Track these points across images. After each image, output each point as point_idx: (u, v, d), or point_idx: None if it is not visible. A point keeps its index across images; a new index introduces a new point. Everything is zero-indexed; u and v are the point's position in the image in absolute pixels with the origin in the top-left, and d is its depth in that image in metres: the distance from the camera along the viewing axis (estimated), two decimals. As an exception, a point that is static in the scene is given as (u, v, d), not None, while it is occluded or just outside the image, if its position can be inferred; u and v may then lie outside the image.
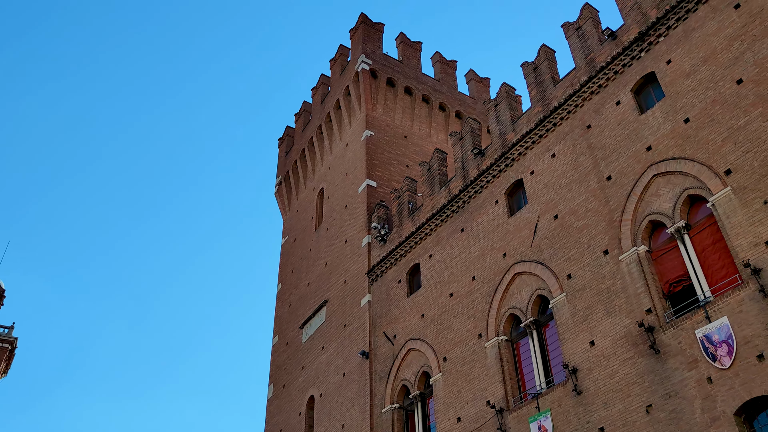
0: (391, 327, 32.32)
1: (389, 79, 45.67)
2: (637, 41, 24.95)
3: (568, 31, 29.02)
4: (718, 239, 20.01)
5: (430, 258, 31.75)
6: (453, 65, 51.80)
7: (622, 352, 20.91)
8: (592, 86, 26.26)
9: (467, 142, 32.56)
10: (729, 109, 20.86)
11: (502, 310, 26.36)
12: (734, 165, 19.99)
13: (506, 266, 26.89)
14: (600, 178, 24.35)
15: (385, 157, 41.79)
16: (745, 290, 18.33)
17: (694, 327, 19.17)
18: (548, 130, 27.63)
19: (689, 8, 23.53)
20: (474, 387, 25.95)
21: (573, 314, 23.13)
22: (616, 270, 22.28)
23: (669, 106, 22.88)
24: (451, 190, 31.98)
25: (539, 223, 26.15)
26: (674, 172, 21.77)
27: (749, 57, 20.95)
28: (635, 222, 22.42)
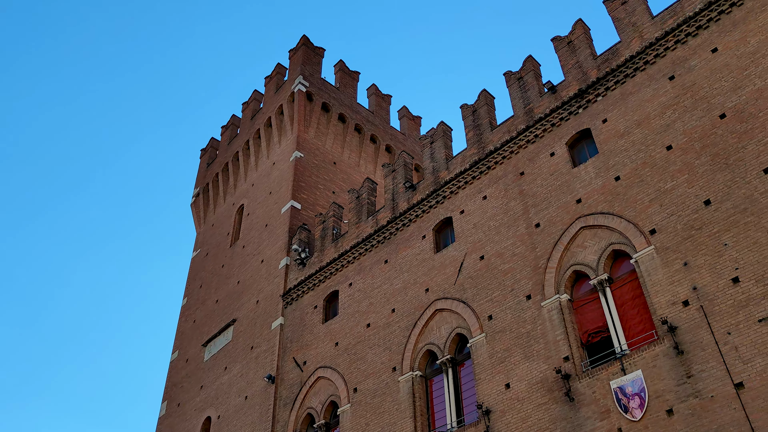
0: (301, 353, 31.54)
1: (324, 104, 45.51)
2: (576, 98, 25.90)
3: (509, 80, 29.82)
4: (638, 295, 20.71)
5: (350, 286, 31.35)
6: (388, 99, 52.31)
7: (537, 397, 21.12)
8: (529, 135, 26.97)
9: (399, 175, 32.65)
10: (658, 173, 21.83)
11: (419, 345, 26.22)
12: (659, 226, 20.85)
13: (428, 301, 26.87)
14: (529, 225, 24.86)
15: (312, 181, 41.33)
16: (660, 346, 18.96)
17: (610, 378, 19.62)
18: (482, 172, 28.08)
19: (628, 74, 24.68)
20: (383, 421, 25.54)
21: (491, 355, 23.26)
22: (537, 315, 22.63)
23: (601, 163, 23.74)
24: (379, 221, 31.87)
25: (465, 262, 26.35)
26: (601, 226, 22.49)
27: (679, 126, 22.08)
28: (560, 270, 22.92)
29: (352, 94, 49.03)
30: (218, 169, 49.70)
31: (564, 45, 28.15)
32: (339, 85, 48.64)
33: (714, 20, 23.06)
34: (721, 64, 22.04)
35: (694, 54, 23.03)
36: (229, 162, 48.58)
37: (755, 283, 17.89)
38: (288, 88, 45.68)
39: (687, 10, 23.96)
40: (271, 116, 45.79)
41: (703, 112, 21.64)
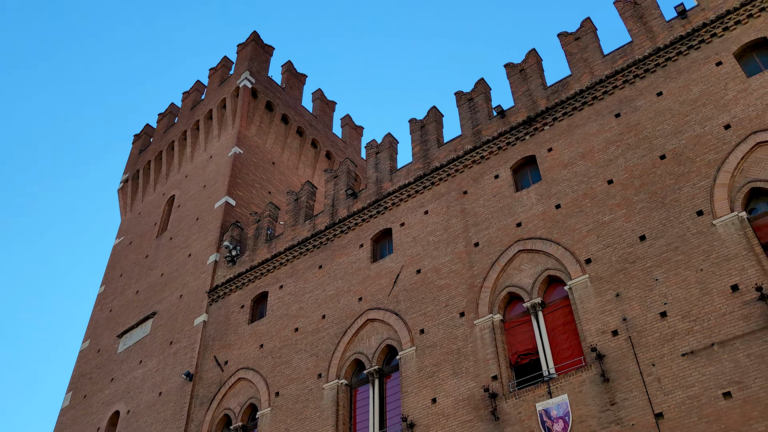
0: (223, 352, 30.76)
1: (269, 102, 44.94)
2: (524, 124, 26.49)
3: (460, 99, 30.25)
4: (569, 321, 21.23)
5: (280, 288, 30.86)
6: (332, 106, 52.17)
7: (462, 414, 21.28)
8: (475, 156, 27.39)
9: (341, 182, 32.50)
10: (597, 205, 22.55)
11: (347, 354, 26.02)
12: (594, 256, 21.50)
13: (360, 310, 26.73)
14: (468, 243, 25.16)
15: (249, 178, 40.61)
16: (587, 372, 19.48)
17: (536, 400, 19.99)
18: (425, 187, 28.29)
19: (576, 107, 25.46)
20: (304, 427, 25.15)
21: (420, 369, 23.31)
22: (469, 333, 22.86)
23: (544, 190, 24.33)
24: (316, 225, 31.58)
25: (401, 274, 26.40)
26: (539, 251, 22.99)
27: (621, 162, 22.91)
28: (495, 291, 23.27)
29: (297, 97, 48.64)
30: (151, 157, 48.18)
31: (516, 72, 28.80)
32: (285, 85, 48.18)
33: (661, 66, 24.11)
34: (665, 108, 23.04)
35: (641, 95, 23.99)
36: (163, 150, 47.17)
37: (681, 318, 18.65)
38: (233, 83, 44.87)
39: (636, 53, 24.97)
40: (212, 109, 44.83)
41: (644, 151, 22.52)
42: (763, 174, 19.70)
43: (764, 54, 22.42)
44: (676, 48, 23.99)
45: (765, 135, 20.24)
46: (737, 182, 20.00)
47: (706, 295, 18.57)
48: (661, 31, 24.91)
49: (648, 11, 25.99)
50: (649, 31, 25.30)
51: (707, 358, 17.65)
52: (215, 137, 43.64)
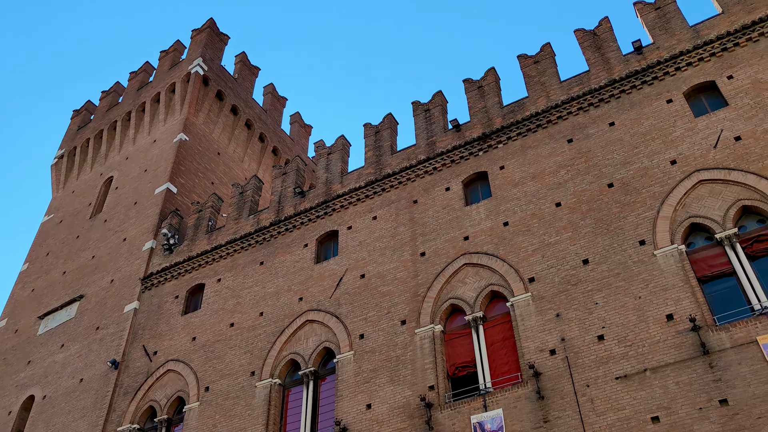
0: (153, 342, 29.89)
1: (219, 92, 44.15)
2: (478, 140, 26.89)
3: (416, 109, 30.46)
4: (509, 337, 21.60)
5: (218, 282, 30.25)
6: (283, 102, 51.68)
7: (396, 422, 21.32)
8: (428, 167, 27.61)
9: (290, 179, 32.19)
10: (544, 226, 23.06)
11: (283, 353, 25.71)
12: (538, 275, 21.97)
13: (299, 311, 26.48)
14: (414, 252, 25.30)
15: (192, 167, 39.72)
16: (523, 389, 19.84)
17: (471, 412, 20.23)
18: (376, 192, 28.32)
19: (530, 128, 26.01)
20: (232, 425, 24.68)
21: (357, 374, 23.25)
22: (409, 341, 22.97)
23: (493, 207, 24.72)
24: (261, 221, 31.14)
25: (345, 277, 26.30)
26: (484, 266, 23.33)
27: (571, 186, 23.53)
28: (438, 301, 23.47)
29: (248, 89, 47.96)
30: (90, 135, 46.50)
31: (474, 88, 29.22)
32: (238, 76, 47.45)
33: (615, 97, 24.93)
34: (616, 138, 23.81)
35: (594, 123, 24.72)
36: (104, 129, 45.60)
37: (617, 343, 19.25)
38: (184, 68, 43.86)
39: (593, 83, 25.73)
40: (160, 92, 43.67)
41: (593, 178, 23.20)
42: (702, 210, 20.58)
43: (711, 97, 23.46)
44: (630, 82, 24.85)
45: (707, 173, 21.16)
46: (679, 216, 20.83)
47: (642, 322, 19.23)
48: (618, 64, 25.76)
49: (606, 43, 26.84)
50: (606, 63, 26.12)
51: (639, 382, 18.26)
52: (161, 121, 42.51)
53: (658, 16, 26.29)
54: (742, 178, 20.46)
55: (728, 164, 20.97)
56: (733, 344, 17.64)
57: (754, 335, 17.56)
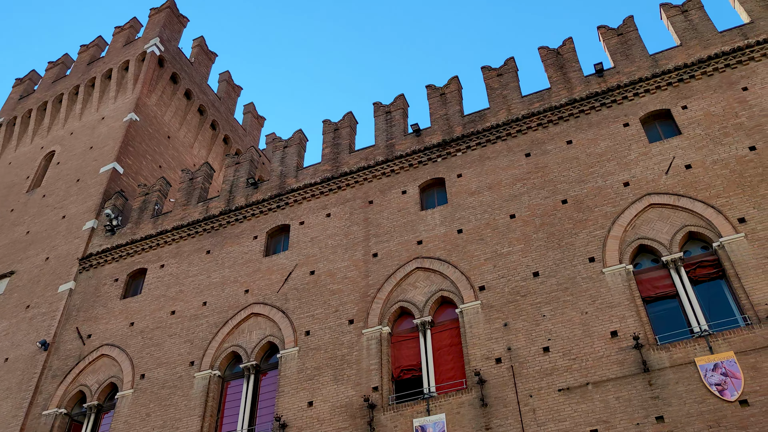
0: (87, 325, 28.89)
1: (174, 74, 43.15)
2: (438, 146, 27.07)
3: (377, 110, 30.46)
4: (456, 343, 21.77)
5: (161, 268, 29.48)
6: (238, 91, 50.91)
7: (338, 421, 21.19)
8: (385, 168, 27.63)
9: (243, 169, 31.68)
10: (497, 236, 23.38)
11: (224, 345, 25.24)
12: (488, 284, 22.24)
13: (245, 303, 26.06)
14: (367, 252, 25.25)
15: (141, 148, 38.64)
16: (467, 395, 20.03)
17: (414, 416, 20.28)
18: (331, 189, 28.17)
19: (490, 139, 26.36)
20: (167, 414, 24.06)
21: (300, 370, 23.02)
22: (356, 341, 22.89)
23: (448, 213, 24.91)
24: (210, 209, 30.53)
25: (294, 272, 26.03)
26: (436, 271, 23.48)
27: (526, 199, 23.93)
28: (387, 303, 23.48)
29: (204, 74, 47.05)
30: (33, 106, 44.70)
31: (437, 95, 29.43)
32: (194, 60, 46.49)
33: (574, 116, 25.52)
34: (572, 156, 24.36)
35: (552, 140, 25.23)
36: (49, 102, 43.92)
37: (562, 356, 19.65)
38: (140, 46, 42.69)
39: (553, 100, 26.28)
40: (113, 68, 42.37)
41: (548, 193, 23.66)
42: (651, 233, 21.24)
43: (665, 124, 24.28)
44: (590, 102, 25.49)
45: (657, 198, 21.86)
46: (628, 237, 21.45)
47: (587, 337, 19.69)
48: (578, 84, 26.39)
49: (569, 63, 27.46)
50: (567, 82, 26.71)
51: (581, 395, 18.69)
52: (111, 99, 41.22)
53: (620, 42, 27.07)
54: (690, 205, 21.23)
55: (678, 191, 21.73)
56: (672, 364, 18.25)
57: (692, 356, 18.21)
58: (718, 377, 17.57)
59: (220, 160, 45.70)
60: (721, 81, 24.10)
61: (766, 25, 24.82)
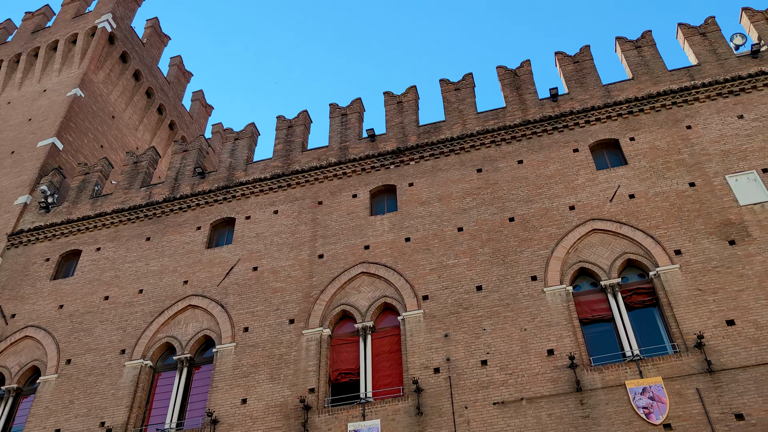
0: (12, 304, 27.69)
1: (124, 53, 41.94)
2: (392, 154, 27.25)
3: (333, 112, 30.44)
4: (395, 350, 21.92)
5: (97, 251, 28.56)
6: (188, 77, 49.88)
7: (271, 421, 20.99)
8: (337, 170, 27.61)
9: (191, 158, 31.08)
10: (444, 248, 23.69)
11: (159, 336, 24.65)
12: (432, 294, 22.50)
13: (183, 294, 25.53)
14: (313, 253, 25.16)
15: (83, 126, 37.36)
16: (403, 403, 20.18)
17: (349, 420, 20.30)
18: (281, 186, 27.95)
19: (444, 151, 26.72)
20: (92, 403, 23.29)
21: (236, 367, 22.70)
22: (295, 341, 22.75)
23: (397, 221, 25.09)
24: (153, 195, 29.79)
25: (236, 267, 25.68)
26: (381, 277, 23.59)
27: (474, 214, 24.35)
28: (329, 305, 23.44)
29: (155, 57, 45.90)
30: (-31, 70, 42.56)
31: (394, 102, 29.64)
32: (146, 41, 45.28)
33: (527, 137, 26.15)
34: (522, 176, 24.94)
35: (504, 158, 25.77)
36: (-14, 67, 41.93)
37: (499, 370, 20.06)
38: (91, 20, 41.31)
39: (508, 120, 26.86)
40: (59, 40, 40.85)
41: (497, 210, 24.14)
42: (592, 257, 21.95)
43: (613, 153, 25.16)
44: (542, 125, 26.16)
45: (600, 224, 22.63)
46: (570, 259, 22.11)
47: (525, 353, 20.17)
48: (533, 106, 27.06)
49: (525, 85, 28.13)
50: (522, 103, 27.35)
51: (515, 410, 19.11)
52: (55, 71, 39.71)
53: (575, 70, 27.91)
54: (631, 233, 22.05)
55: (620, 218, 22.54)
56: (603, 385, 18.89)
57: (623, 379, 18.90)
58: (646, 401, 18.30)
59: (164, 145, 44.67)
60: (668, 117, 25.17)
61: (711, 69, 26.07)
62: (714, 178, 22.81)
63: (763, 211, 21.49)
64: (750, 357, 18.37)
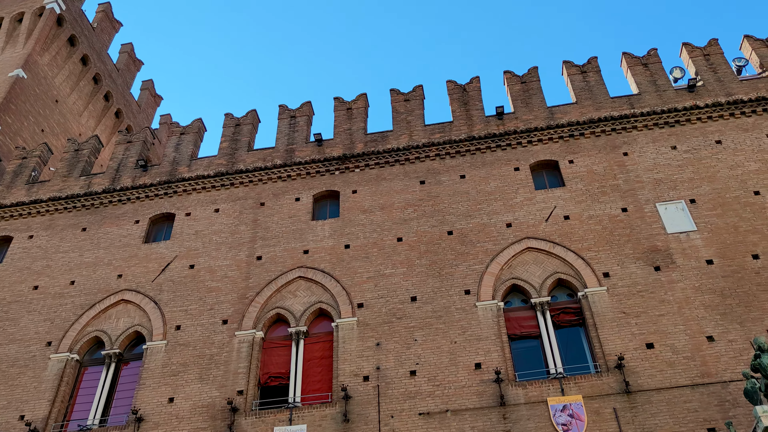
0: (-65, 288, 26.74)
1: (73, 37, 41.01)
2: (337, 160, 27.39)
3: (282, 113, 30.40)
4: (327, 356, 22.05)
5: (29, 238, 27.84)
6: (138, 65, 49.01)
7: (197, 421, 20.85)
8: (282, 173, 27.60)
9: (134, 149, 30.59)
10: (383, 257, 23.95)
11: (88, 329, 24.19)
12: (368, 302, 22.72)
13: (116, 288, 25.12)
14: (251, 254, 25.09)
15: (24, 108, 36.37)
16: (330, 409, 20.33)
17: (275, 423, 20.33)
18: (224, 185, 27.77)
19: (389, 161, 27.00)
20: (13, 395, 22.69)
21: (165, 365, 22.47)
22: (227, 342, 22.65)
23: (339, 227, 25.23)
24: (92, 185, 29.21)
25: (173, 264, 25.41)
26: (318, 282, 23.70)
27: (414, 225, 24.68)
28: (264, 308, 23.42)
29: (105, 42, 44.99)
30: None
31: (344, 108, 29.78)
32: (97, 26, 44.34)
33: (471, 152, 26.63)
34: (463, 191, 25.40)
35: (447, 172, 26.20)
36: (-75, 40, 40.35)
37: (427, 381, 20.41)
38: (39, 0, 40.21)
39: (454, 134, 27.31)
40: (4, 18, 39.68)
41: (436, 222, 24.53)
42: (524, 275, 22.54)
43: (552, 174, 25.85)
44: (486, 142, 26.70)
45: (535, 242, 23.25)
46: (504, 275, 22.64)
47: (453, 366, 20.57)
48: (479, 123, 27.59)
49: (473, 101, 28.65)
50: (469, 119, 27.86)
51: (439, 421, 19.48)
52: (-2, 50, 38.53)
53: (522, 90, 28.57)
54: (563, 253, 22.72)
55: (554, 238, 23.19)
56: (526, 401, 19.42)
57: (545, 396, 19.47)
58: (566, 418, 18.89)
59: (108, 133, 43.79)
60: (607, 143, 26.01)
61: (650, 99, 27.06)
62: (645, 205, 23.69)
63: (688, 239, 22.43)
64: (665, 380, 19.17)
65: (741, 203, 23.10)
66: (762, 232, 22.16)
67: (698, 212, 23.12)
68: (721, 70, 27.59)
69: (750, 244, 21.92)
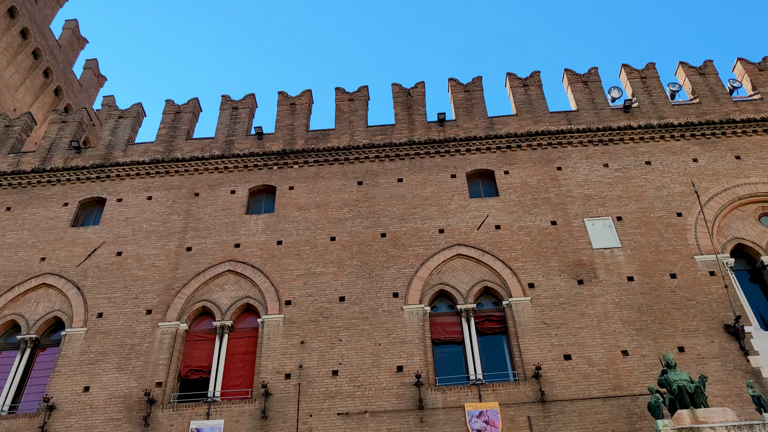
0: None
1: (12, 8, 39.66)
2: (277, 155, 27.22)
3: (224, 104, 30.05)
4: (250, 352, 21.89)
5: (-50, 214, 26.79)
6: (83, 43, 47.69)
7: (112, 411, 20.42)
8: (219, 164, 27.28)
9: (69, 130, 29.77)
10: (314, 255, 23.90)
11: (5, 312, 23.45)
12: (296, 300, 22.65)
13: (38, 271, 24.41)
14: (181, 245, 24.72)
15: (-45, 79, 34.94)
16: (249, 405, 20.20)
17: (192, 417, 20.08)
18: (158, 172, 27.29)
19: (328, 159, 26.98)
20: None
21: (83, 353, 21.93)
22: (149, 333, 22.25)
23: (272, 223, 25.09)
24: (21, 163, 28.31)
25: (99, 250, 24.82)
26: (247, 277, 23.50)
27: (348, 225, 24.72)
28: (190, 300, 23.11)
29: (48, 16, 43.60)
30: None
31: (287, 103, 29.62)
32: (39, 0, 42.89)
33: (410, 157, 26.84)
34: (400, 194, 25.58)
35: (385, 174, 26.33)
36: None
37: (348, 381, 20.47)
38: (-21, -32, 38.72)
39: (395, 137, 27.46)
40: (-60, -17, 38.03)
41: (370, 224, 24.63)
42: (452, 281, 22.83)
43: (487, 184, 26.25)
44: (426, 148, 26.94)
45: (465, 249, 23.58)
46: (432, 280, 22.89)
47: (375, 367, 20.69)
48: (420, 128, 27.81)
49: (416, 105, 28.87)
50: (411, 123, 28.06)
51: (357, 422, 19.57)
52: (-69, 16, 36.95)
53: (465, 99, 28.93)
54: (492, 262, 23.11)
55: (484, 247, 23.57)
56: (444, 405, 19.68)
57: (463, 401, 19.77)
58: (481, 424, 19.22)
59: (45, 110, 42.47)
60: (542, 156, 26.56)
61: (587, 116, 27.75)
62: (574, 219, 24.28)
63: (611, 255, 23.10)
64: (579, 391, 19.70)
65: (664, 223, 23.91)
66: (681, 252, 22.99)
67: (624, 230, 23.83)
68: (656, 94, 28.50)
69: (669, 264, 22.71)
